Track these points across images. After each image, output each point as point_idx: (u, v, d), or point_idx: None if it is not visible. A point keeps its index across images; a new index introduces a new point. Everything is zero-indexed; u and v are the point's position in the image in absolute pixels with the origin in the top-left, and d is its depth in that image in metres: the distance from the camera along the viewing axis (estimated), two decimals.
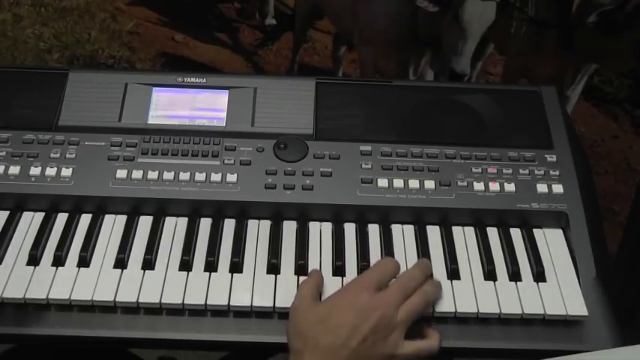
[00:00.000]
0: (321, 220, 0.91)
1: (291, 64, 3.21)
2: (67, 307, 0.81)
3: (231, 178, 0.91)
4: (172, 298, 0.81)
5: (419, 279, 0.80)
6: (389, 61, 2.30)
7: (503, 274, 0.86)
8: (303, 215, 0.91)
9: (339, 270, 0.85)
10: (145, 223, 0.90)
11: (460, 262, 0.86)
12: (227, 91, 1.01)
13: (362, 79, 1.48)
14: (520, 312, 0.81)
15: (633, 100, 3.17)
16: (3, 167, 0.91)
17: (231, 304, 0.81)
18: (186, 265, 0.85)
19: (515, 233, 0.91)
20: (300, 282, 0.83)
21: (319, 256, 0.87)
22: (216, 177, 0.91)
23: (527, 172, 0.94)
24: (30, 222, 0.89)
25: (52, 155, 0.92)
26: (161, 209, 0.91)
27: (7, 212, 0.90)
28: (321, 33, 3.52)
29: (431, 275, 0.83)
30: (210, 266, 0.85)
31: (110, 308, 0.81)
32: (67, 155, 0.92)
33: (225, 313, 0.81)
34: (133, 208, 0.91)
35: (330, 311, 0.76)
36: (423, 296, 0.79)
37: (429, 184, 0.92)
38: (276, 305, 0.81)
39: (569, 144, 0.98)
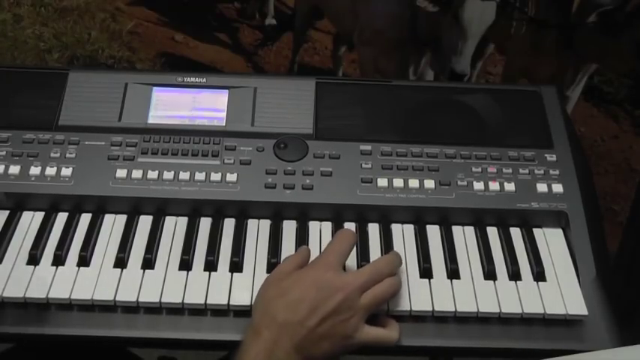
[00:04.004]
0: (321, 220, 0.91)
1: (291, 64, 3.22)
2: (67, 306, 0.81)
3: (231, 177, 0.92)
4: (172, 297, 0.81)
5: (394, 267, 0.80)
6: (389, 61, 2.30)
7: (503, 273, 0.86)
8: (303, 215, 0.91)
9: None
10: (144, 222, 0.90)
11: (460, 261, 0.86)
12: (227, 91, 1.01)
13: (362, 79, 1.48)
14: (520, 311, 0.81)
15: (633, 100, 3.17)
16: (3, 167, 0.91)
17: (231, 303, 0.81)
18: (186, 265, 0.85)
19: (515, 233, 0.91)
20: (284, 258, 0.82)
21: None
22: (216, 177, 0.91)
23: (527, 171, 0.94)
24: (30, 222, 0.89)
25: (52, 155, 0.92)
26: (161, 209, 0.91)
27: (7, 212, 0.90)
28: (321, 33, 3.52)
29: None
30: (210, 266, 0.85)
31: (110, 308, 0.81)
32: (67, 155, 0.92)
33: (225, 313, 0.81)
34: (133, 208, 0.91)
35: (292, 285, 0.75)
36: (390, 287, 0.78)
37: (429, 184, 0.92)
38: None
39: (569, 144, 0.98)
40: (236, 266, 0.85)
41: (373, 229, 0.91)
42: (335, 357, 0.75)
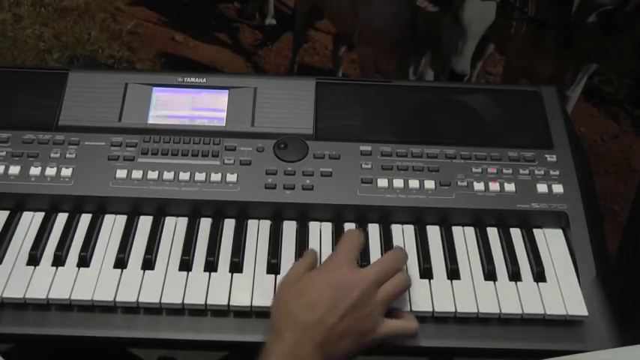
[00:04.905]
0: (321, 220, 0.91)
1: (291, 64, 3.22)
2: (67, 307, 0.81)
3: (231, 178, 0.91)
4: (172, 298, 0.81)
5: (403, 262, 0.81)
6: (389, 61, 2.30)
7: (504, 274, 0.86)
8: (303, 215, 0.91)
9: None
10: (145, 223, 0.90)
11: (460, 262, 0.86)
12: (227, 91, 1.01)
13: (362, 79, 1.48)
14: (520, 312, 0.81)
15: (633, 100, 3.17)
16: (3, 167, 0.91)
17: (231, 303, 0.81)
18: (186, 265, 0.85)
19: (515, 233, 0.91)
20: (294, 262, 0.83)
21: (319, 256, 0.87)
22: (216, 177, 0.91)
23: (527, 172, 0.94)
24: (30, 222, 0.89)
25: (52, 155, 0.92)
26: (161, 209, 0.91)
27: (7, 212, 0.90)
28: (321, 33, 3.52)
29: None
30: (210, 266, 0.85)
31: (110, 308, 0.81)
32: (67, 155, 0.92)
33: (225, 313, 0.81)
34: (133, 208, 0.91)
35: (308, 286, 0.75)
36: (402, 281, 0.79)
37: (429, 184, 0.92)
38: None
39: (569, 144, 0.98)
40: (236, 267, 0.85)
41: (373, 230, 0.91)
42: (356, 354, 0.75)
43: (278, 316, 0.75)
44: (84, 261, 0.84)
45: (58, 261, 0.84)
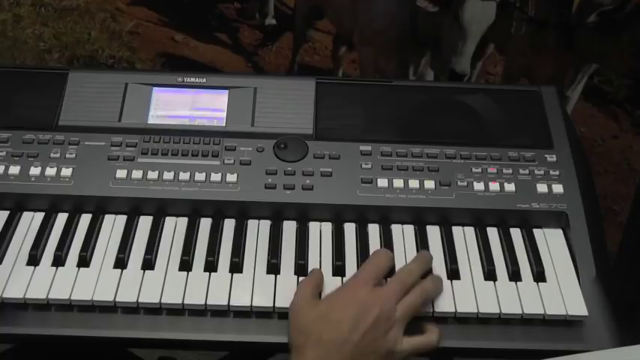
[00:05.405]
0: (321, 220, 0.91)
1: (291, 64, 3.22)
2: (67, 307, 0.81)
3: (231, 178, 0.91)
4: (172, 298, 0.81)
5: (417, 274, 0.81)
6: (389, 61, 2.30)
7: (503, 274, 0.86)
8: (303, 215, 0.91)
9: (339, 270, 0.85)
10: (145, 223, 0.90)
11: (460, 262, 0.86)
12: (227, 91, 1.01)
13: (362, 79, 1.48)
14: (520, 312, 0.81)
15: (633, 100, 3.17)
16: (3, 167, 0.91)
17: (231, 304, 0.81)
18: (186, 265, 0.85)
19: (515, 233, 0.91)
20: (300, 282, 0.83)
21: (319, 256, 0.87)
22: (216, 177, 0.91)
23: (527, 172, 0.94)
24: (30, 222, 0.89)
25: (52, 155, 0.92)
26: (161, 209, 0.91)
27: (7, 212, 0.90)
28: (321, 33, 3.52)
29: (431, 270, 0.84)
30: (210, 266, 0.85)
31: (110, 308, 0.81)
32: (67, 155, 0.92)
33: (225, 313, 0.81)
34: (133, 208, 0.91)
35: (330, 307, 0.76)
36: (422, 293, 0.79)
37: (429, 184, 0.92)
38: (276, 305, 0.81)
39: (569, 144, 0.98)
40: (236, 267, 0.85)
41: (373, 230, 0.91)
42: None
43: (298, 336, 0.75)
44: (84, 261, 0.84)
45: (58, 261, 0.84)
